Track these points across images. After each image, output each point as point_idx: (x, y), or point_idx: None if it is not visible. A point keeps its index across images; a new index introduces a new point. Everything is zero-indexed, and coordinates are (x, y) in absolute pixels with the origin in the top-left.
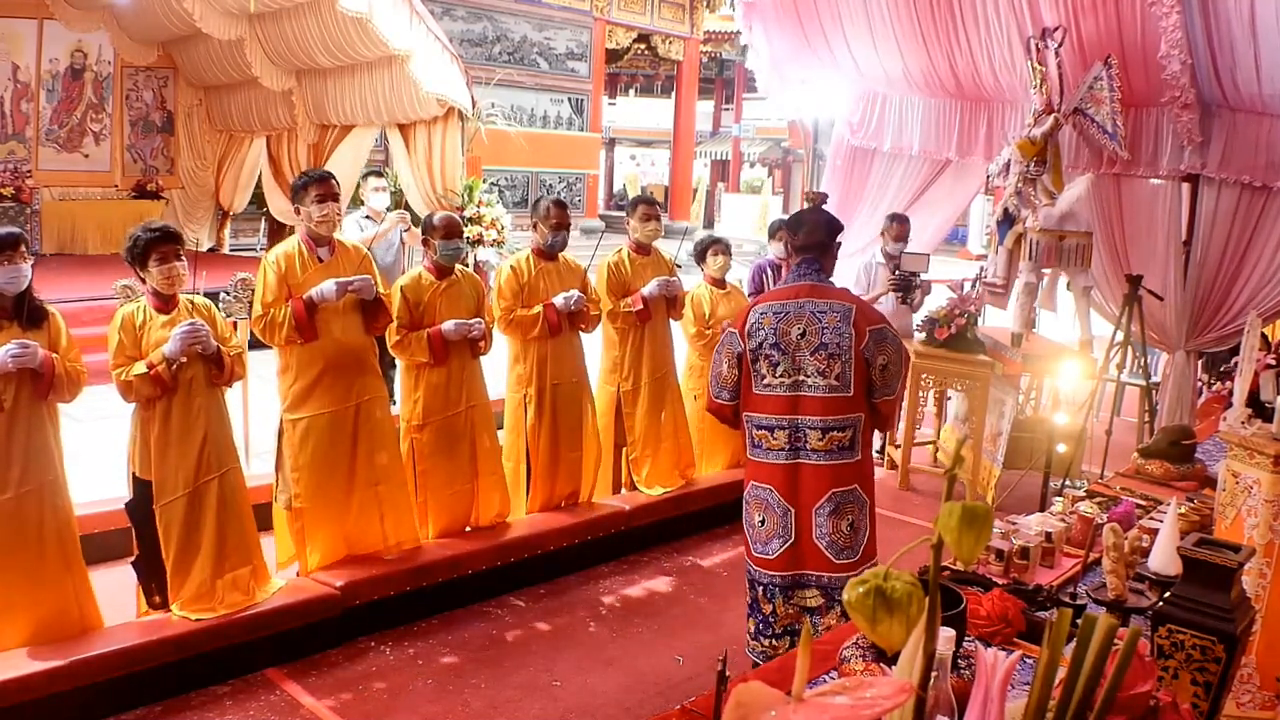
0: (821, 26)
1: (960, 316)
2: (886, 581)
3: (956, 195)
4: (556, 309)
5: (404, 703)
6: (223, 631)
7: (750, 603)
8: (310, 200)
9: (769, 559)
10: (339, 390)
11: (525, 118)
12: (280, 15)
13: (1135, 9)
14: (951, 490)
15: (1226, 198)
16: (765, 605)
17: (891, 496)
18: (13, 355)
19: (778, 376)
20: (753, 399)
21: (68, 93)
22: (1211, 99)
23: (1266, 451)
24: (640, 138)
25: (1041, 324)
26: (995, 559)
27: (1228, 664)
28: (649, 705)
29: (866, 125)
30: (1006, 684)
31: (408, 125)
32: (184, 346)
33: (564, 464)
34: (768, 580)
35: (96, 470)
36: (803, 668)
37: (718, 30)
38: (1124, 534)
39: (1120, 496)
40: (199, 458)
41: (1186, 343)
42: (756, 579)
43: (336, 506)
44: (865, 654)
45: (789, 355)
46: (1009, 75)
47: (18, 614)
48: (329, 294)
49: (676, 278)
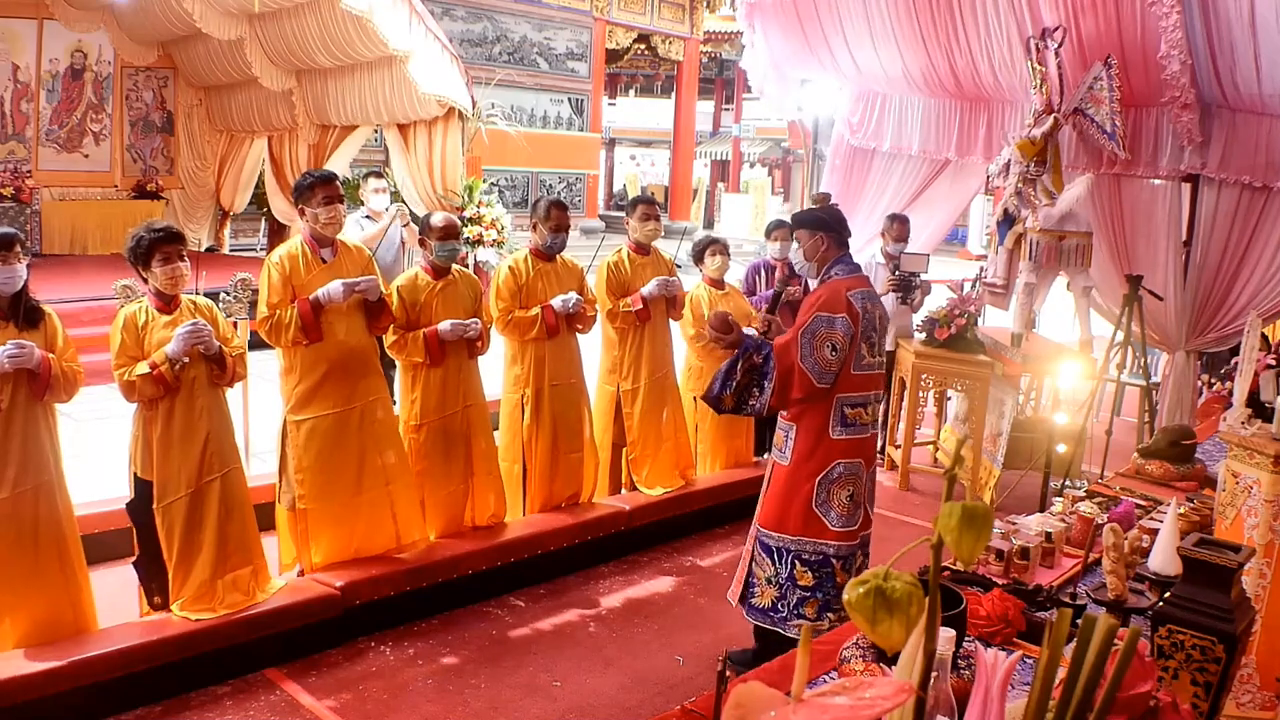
0: (821, 26)
1: (960, 317)
2: (886, 581)
3: (956, 195)
4: (555, 311)
5: (404, 703)
6: (223, 632)
7: (815, 584)
8: (316, 201)
9: (853, 529)
10: (343, 391)
11: (525, 118)
12: (280, 15)
13: (1135, 9)
14: (951, 490)
15: (1226, 198)
16: (840, 576)
17: (891, 496)
18: (9, 356)
19: (874, 355)
20: (851, 379)
21: (68, 93)
22: (1211, 99)
23: (1266, 452)
24: (640, 138)
25: (1041, 324)
26: (995, 559)
27: (1228, 664)
28: (649, 705)
29: (866, 125)
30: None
31: (407, 125)
32: (187, 346)
33: (563, 465)
34: (847, 551)
35: (98, 471)
36: (802, 667)
37: (718, 30)
38: (1124, 534)
39: (1120, 497)
40: (201, 458)
41: (1187, 343)
42: (834, 554)
43: (341, 508)
44: (865, 654)
45: (880, 335)
46: (1009, 75)
47: (13, 614)
48: (336, 295)
49: (676, 278)
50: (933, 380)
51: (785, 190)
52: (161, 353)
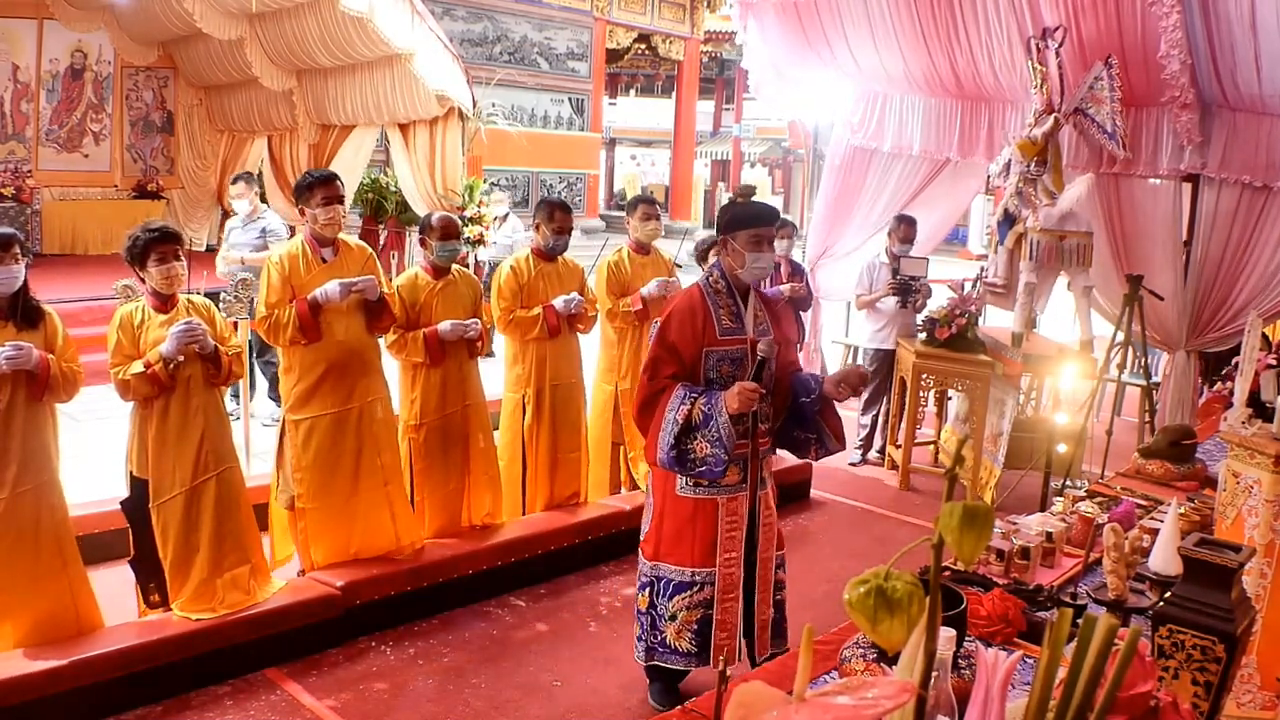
0: (821, 26)
1: (961, 316)
2: (887, 581)
3: (956, 195)
4: (556, 311)
5: (404, 702)
6: (223, 631)
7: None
8: (316, 202)
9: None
10: (342, 391)
11: (526, 118)
12: (280, 15)
13: (1135, 9)
14: (953, 490)
15: (1227, 197)
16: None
17: (892, 496)
18: (7, 357)
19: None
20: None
21: (68, 93)
22: (1212, 99)
23: (1267, 451)
24: (641, 138)
25: (1042, 324)
26: (996, 559)
27: (1228, 664)
28: (649, 705)
29: (867, 125)
30: (1007, 684)
31: (408, 125)
32: (180, 345)
33: (563, 464)
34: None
35: (96, 471)
36: (804, 667)
37: (718, 30)
38: (1124, 534)
39: (1121, 496)
40: (196, 456)
41: (1187, 343)
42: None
43: (340, 507)
44: (865, 654)
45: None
46: (1009, 75)
47: (13, 614)
48: (333, 295)
49: (676, 278)
50: (933, 380)
51: (786, 190)
52: (156, 352)
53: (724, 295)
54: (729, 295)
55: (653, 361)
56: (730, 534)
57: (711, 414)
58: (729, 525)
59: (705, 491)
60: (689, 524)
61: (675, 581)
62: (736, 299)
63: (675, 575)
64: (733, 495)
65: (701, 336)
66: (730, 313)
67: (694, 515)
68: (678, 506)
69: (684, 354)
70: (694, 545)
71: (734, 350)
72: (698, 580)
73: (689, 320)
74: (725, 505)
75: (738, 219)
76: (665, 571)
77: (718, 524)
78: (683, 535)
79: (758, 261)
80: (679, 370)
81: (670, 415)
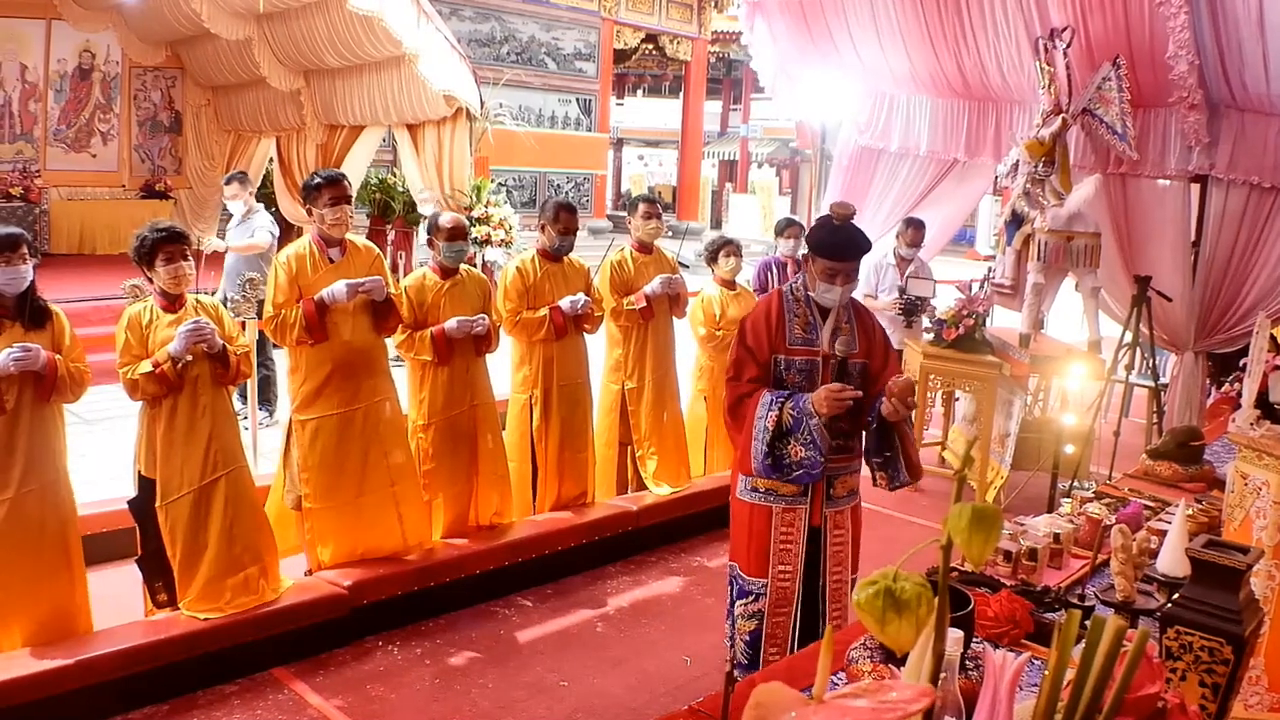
0: (828, 26)
1: (968, 317)
2: (895, 582)
3: (963, 195)
4: (563, 311)
5: (411, 702)
6: (230, 631)
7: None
8: (324, 202)
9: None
10: (348, 391)
11: (533, 118)
12: (288, 15)
13: (1143, 9)
14: (961, 492)
15: (1235, 198)
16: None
17: (899, 497)
18: (14, 359)
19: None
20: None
21: (75, 93)
22: (1219, 99)
23: (1275, 453)
24: (648, 138)
25: (1049, 325)
26: (1003, 560)
27: (1236, 666)
28: (656, 705)
29: (874, 125)
30: (1015, 685)
31: (416, 125)
32: (188, 345)
33: (571, 465)
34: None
35: (104, 471)
36: (824, 668)
37: (726, 30)
38: (1132, 535)
39: (1128, 498)
40: (205, 456)
41: (1195, 344)
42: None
43: (347, 507)
44: (873, 654)
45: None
46: (1017, 76)
47: (17, 613)
48: (340, 295)
49: (679, 276)
50: (940, 381)
51: (793, 191)
52: (164, 351)
53: (801, 305)
54: (806, 305)
55: (735, 361)
56: (784, 546)
57: (801, 417)
58: (783, 536)
59: (762, 498)
60: (745, 528)
61: (739, 586)
62: (814, 312)
63: (740, 579)
64: (790, 506)
65: (773, 342)
66: (804, 323)
67: (750, 520)
68: (737, 509)
69: (759, 356)
70: (750, 552)
71: (801, 361)
72: (753, 589)
73: (763, 323)
74: (780, 515)
75: (821, 245)
76: (735, 572)
77: (771, 532)
78: (740, 539)
79: (828, 293)
80: (761, 373)
81: (760, 424)
